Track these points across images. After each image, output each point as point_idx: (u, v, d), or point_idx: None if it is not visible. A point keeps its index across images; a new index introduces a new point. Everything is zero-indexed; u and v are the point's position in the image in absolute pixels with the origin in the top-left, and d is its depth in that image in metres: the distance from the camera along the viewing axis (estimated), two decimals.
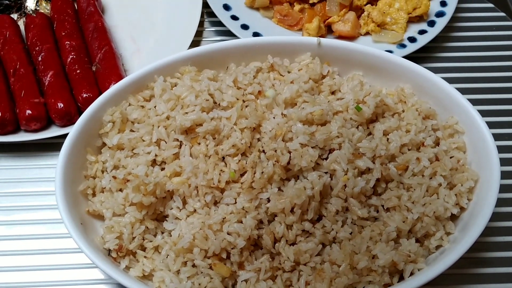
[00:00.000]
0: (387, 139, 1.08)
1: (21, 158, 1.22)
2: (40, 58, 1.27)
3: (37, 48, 1.29)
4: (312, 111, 1.07)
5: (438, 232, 1.00)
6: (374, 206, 1.02)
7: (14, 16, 1.42)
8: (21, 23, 1.39)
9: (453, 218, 1.04)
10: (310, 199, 0.98)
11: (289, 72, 1.19)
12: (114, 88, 1.12)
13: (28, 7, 1.42)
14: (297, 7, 1.40)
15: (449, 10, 1.38)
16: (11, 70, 1.25)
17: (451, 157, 1.08)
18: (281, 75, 1.18)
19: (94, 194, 1.08)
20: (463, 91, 1.12)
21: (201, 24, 1.44)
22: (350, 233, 0.99)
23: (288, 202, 0.97)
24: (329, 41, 1.19)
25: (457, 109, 1.10)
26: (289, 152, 1.01)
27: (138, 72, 1.14)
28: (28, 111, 1.19)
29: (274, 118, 1.08)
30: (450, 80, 1.13)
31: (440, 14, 1.38)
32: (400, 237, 0.99)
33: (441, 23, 1.37)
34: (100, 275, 1.08)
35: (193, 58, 1.17)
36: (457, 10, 1.41)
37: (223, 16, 1.38)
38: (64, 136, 1.07)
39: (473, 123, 1.07)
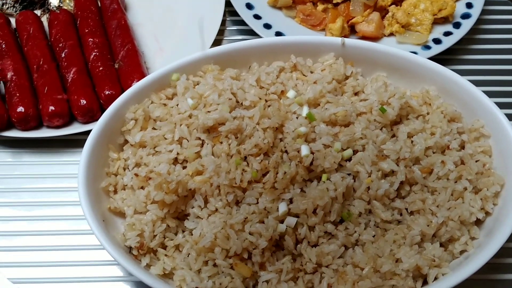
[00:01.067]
0: (412, 141, 1.06)
1: (44, 154, 1.23)
2: (63, 55, 1.28)
3: (61, 44, 1.30)
4: (336, 111, 1.06)
5: (463, 237, 0.99)
6: (397, 209, 1.00)
7: (38, 12, 1.42)
8: (44, 20, 1.40)
9: (478, 223, 1.02)
10: (333, 200, 0.97)
11: (312, 72, 1.18)
12: (136, 85, 1.12)
13: (51, 4, 1.43)
14: (320, 6, 1.39)
15: (475, 12, 1.36)
16: (35, 66, 1.26)
17: (476, 161, 1.06)
18: (304, 75, 1.18)
19: (115, 191, 1.08)
20: (489, 94, 1.10)
21: (223, 23, 1.43)
22: (373, 236, 0.97)
23: (310, 203, 0.96)
24: (353, 42, 1.18)
25: (483, 112, 1.09)
26: (312, 153, 1.00)
27: (161, 70, 1.14)
28: (51, 107, 1.19)
29: (297, 118, 1.07)
30: (475, 83, 1.11)
31: (465, 16, 1.36)
32: (424, 241, 0.98)
33: (467, 25, 1.35)
34: (121, 273, 1.08)
35: (215, 57, 1.17)
36: (483, 12, 1.39)
37: (246, 15, 1.37)
38: (87, 132, 1.07)
39: (500, 127, 1.06)
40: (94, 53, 1.28)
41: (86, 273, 1.08)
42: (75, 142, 1.22)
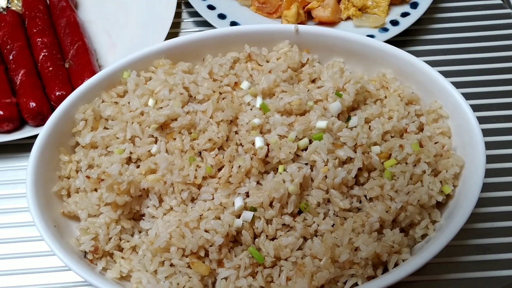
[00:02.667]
0: (369, 127, 1.04)
1: None
2: (11, 57, 1.24)
3: (8, 46, 1.25)
4: (290, 101, 1.03)
5: (423, 221, 0.97)
6: (356, 196, 0.98)
7: None
8: None
9: (439, 205, 1.01)
10: (289, 192, 0.94)
11: (267, 61, 1.15)
12: (86, 84, 1.09)
13: None
14: None
15: None
16: None
17: (435, 143, 1.05)
18: (259, 65, 1.15)
19: (69, 195, 1.04)
20: (447, 74, 1.09)
21: (178, 15, 1.40)
22: (332, 226, 0.95)
23: (266, 196, 0.93)
24: (307, 28, 1.15)
25: (441, 93, 1.07)
26: (267, 145, 0.98)
27: (111, 67, 1.10)
28: (0, 112, 1.15)
29: (251, 110, 1.05)
30: (434, 63, 1.10)
31: None
32: (383, 227, 0.96)
33: (424, 4, 1.33)
34: (77, 278, 1.05)
35: (167, 51, 1.13)
36: None
37: (199, 6, 1.34)
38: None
39: (457, 107, 1.04)
40: (43, 53, 1.24)
41: (41, 280, 1.05)
42: (27, 146, 1.17)
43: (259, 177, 0.98)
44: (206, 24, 1.36)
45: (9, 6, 1.38)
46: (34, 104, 1.16)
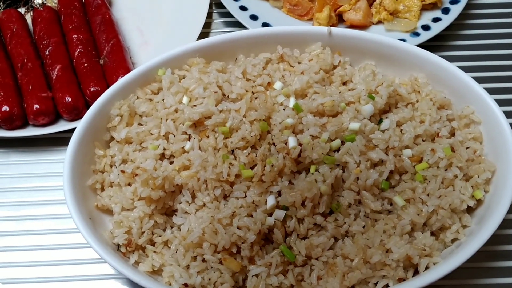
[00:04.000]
0: (401, 130, 1.05)
1: (30, 153, 1.21)
2: (47, 52, 1.26)
3: (45, 42, 1.28)
4: (323, 102, 1.04)
5: (454, 225, 0.98)
6: (387, 198, 0.99)
7: (22, 10, 1.40)
8: (28, 17, 1.38)
9: (470, 210, 1.01)
10: (321, 192, 0.95)
11: (299, 62, 1.16)
12: (121, 81, 1.11)
13: (35, 1, 1.41)
14: None
15: None
16: (19, 65, 1.24)
17: (467, 148, 1.05)
18: (291, 66, 1.16)
19: (103, 189, 1.06)
20: (479, 80, 1.08)
21: (209, 15, 1.41)
22: (363, 227, 0.96)
23: (299, 196, 0.95)
24: (340, 30, 1.16)
25: (473, 99, 1.07)
26: (300, 145, 0.99)
27: (146, 64, 1.12)
28: (36, 106, 1.18)
29: (284, 110, 1.06)
30: (465, 69, 1.09)
31: (454, 1, 1.34)
32: (414, 230, 0.97)
33: (456, 10, 1.33)
34: (110, 270, 1.07)
35: (201, 50, 1.15)
36: None
37: (232, 7, 1.35)
38: (73, 130, 1.06)
39: (490, 113, 1.04)
40: (78, 50, 1.26)
41: (75, 271, 1.07)
42: (62, 140, 1.21)
43: (291, 176, 0.99)
44: (236, 24, 1.37)
45: (45, 2, 1.41)
46: (69, 99, 1.18)
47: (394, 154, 1.00)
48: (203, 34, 1.37)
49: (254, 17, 1.34)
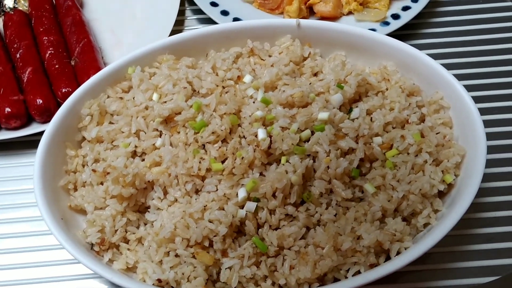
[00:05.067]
0: (371, 118, 1.05)
1: (3, 157, 1.21)
2: (18, 55, 1.26)
3: (15, 45, 1.28)
4: (292, 93, 1.04)
5: (425, 210, 0.98)
6: (358, 186, 0.99)
7: None
8: (0, 22, 1.38)
9: (442, 195, 1.02)
10: (292, 182, 0.96)
11: (270, 56, 1.17)
12: (91, 80, 1.11)
13: (6, 5, 1.41)
14: None
15: None
16: None
17: (437, 133, 1.06)
18: (261, 59, 1.16)
19: (76, 189, 1.06)
20: (449, 66, 1.10)
21: (182, 12, 1.42)
22: (335, 215, 0.96)
23: (269, 187, 0.95)
24: (309, 22, 1.17)
25: (442, 84, 1.08)
26: (270, 136, 0.99)
27: (115, 63, 1.12)
28: (8, 109, 1.18)
29: (254, 103, 1.06)
30: (436, 56, 1.10)
31: None
32: (386, 216, 0.97)
33: None
34: (86, 270, 1.07)
35: (171, 47, 1.15)
36: None
37: (203, 3, 1.36)
38: None
39: (459, 98, 1.05)
40: (49, 51, 1.26)
41: (51, 273, 1.07)
42: (35, 142, 1.18)
43: (262, 168, 0.99)
44: (209, 21, 1.37)
45: (16, 6, 1.41)
46: (41, 101, 1.18)
47: (364, 142, 1.01)
48: (176, 32, 1.35)
49: (225, 13, 1.35)
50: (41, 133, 1.16)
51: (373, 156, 1.01)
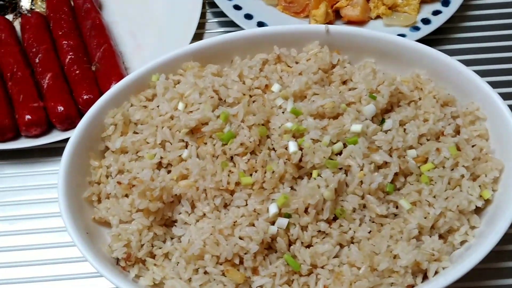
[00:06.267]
0: (404, 129, 1.02)
1: (23, 165, 1.18)
2: (37, 60, 1.23)
3: (34, 49, 1.24)
4: (323, 104, 1.01)
5: (463, 227, 0.95)
6: (393, 202, 0.96)
7: (9, 17, 1.37)
8: (16, 24, 1.35)
9: (478, 211, 0.98)
10: (324, 198, 0.92)
11: (297, 62, 1.13)
12: (114, 88, 1.07)
13: (23, 7, 1.37)
14: None
15: None
16: (8, 74, 1.21)
17: (473, 146, 1.02)
18: (288, 66, 1.13)
19: (99, 201, 1.03)
20: (483, 73, 1.06)
21: (203, 15, 1.38)
22: (369, 232, 0.93)
23: (301, 202, 0.92)
24: (337, 28, 1.13)
25: (477, 94, 1.04)
26: (301, 149, 0.96)
27: (139, 70, 1.09)
28: (28, 116, 1.15)
29: (283, 113, 1.03)
30: (468, 62, 1.06)
31: None
32: (422, 234, 0.94)
33: (456, 2, 1.29)
34: (110, 284, 1.04)
35: (195, 53, 1.12)
36: None
37: (226, 6, 1.32)
38: (67, 140, 1.02)
39: (495, 108, 1.01)
40: (69, 56, 1.23)
41: (75, 286, 1.04)
42: (55, 150, 1.18)
43: (292, 182, 0.96)
44: (231, 24, 1.34)
45: (33, 7, 1.37)
46: (62, 108, 1.15)
47: (398, 155, 0.97)
48: (197, 35, 1.33)
49: (248, 16, 1.31)
50: (62, 141, 1.15)
51: (408, 170, 0.98)
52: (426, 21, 1.28)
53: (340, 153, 0.97)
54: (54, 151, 1.18)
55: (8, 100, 1.19)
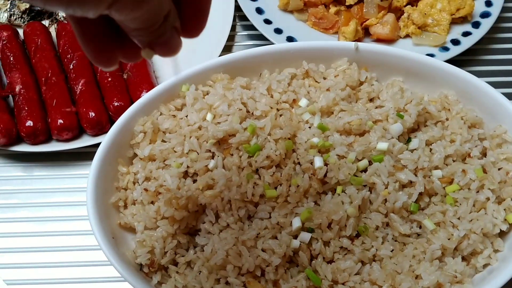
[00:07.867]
0: (430, 149, 1.02)
1: (53, 168, 1.21)
2: (71, 66, 1.26)
3: (69, 55, 1.28)
4: (350, 120, 1.02)
5: (486, 250, 0.94)
6: (416, 221, 0.96)
7: (46, 22, 1.41)
8: (52, 30, 1.38)
9: (502, 234, 0.97)
10: (348, 214, 0.93)
11: (324, 78, 1.14)
12: (145, 97, 1.10)
13: (59, 14, 1.41)
14: (332, 9, 1.34)
15: (495, 11, 1.30)
16: (43, 79, 1.24)
17: (499, 169, 1.01)
18: (316, 81, 1.14)
19: (126, 206, 1.05)
20: (510, 96, 1.05)
21: (233, 28, 1.40)
22: (392, 251, 0.93)
23: (325, 218, 0.92)
24: (367, 46, 1.14)
25: (506, 117, 1.04)
26: (326, 165, 0.97)
27: (169, 80, 1.11)
28: (60, 121, 1.18)
29: (309, 128, 1.04)
30: (496, 85, 1.06)
31: (485, 15, 1.31)
32: (445, 255, 0.94)
33: (487, 24, 1.29)
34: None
35: (225, 65, 1.13)
36: (503, 10, 1.33)
37: (256, 20, 1.34)
38: (96, 145, 1.05)
39: None
40: None
41: None
42: (85, 155, 1.21)
43: (316, 197, 0.97)
44: (260, 37, 1.36)
45: None
46: (93, 114, 1.18)
47: (423, 175, 0.97)
48: (227, 47, 1.36)
49: (278, 31, 1.32)
50: (92, 146, 1.18)
51: (432, 190, 0.98)
52: (455, 42, 1.28)
53: (365, 170, 0.98)
54: (83, 155, 1.21)
55: (42, 104, 1.22)
